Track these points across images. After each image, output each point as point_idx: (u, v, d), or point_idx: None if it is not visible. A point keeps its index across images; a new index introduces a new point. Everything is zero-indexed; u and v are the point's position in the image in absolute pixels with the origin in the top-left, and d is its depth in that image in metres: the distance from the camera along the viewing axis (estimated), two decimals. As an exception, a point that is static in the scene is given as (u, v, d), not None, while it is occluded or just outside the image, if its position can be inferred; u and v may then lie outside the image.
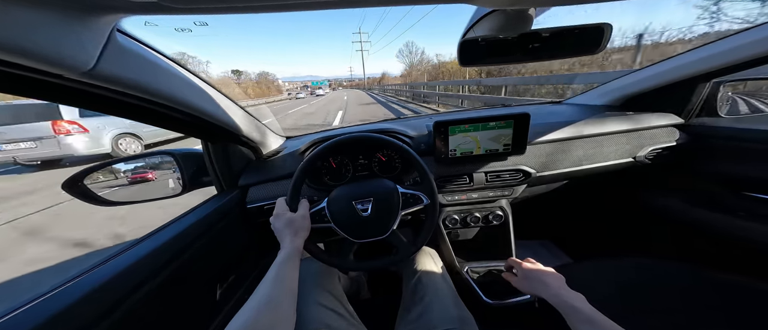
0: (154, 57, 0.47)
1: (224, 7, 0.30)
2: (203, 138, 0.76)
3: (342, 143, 0.68)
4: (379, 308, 0.80)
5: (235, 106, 0.73)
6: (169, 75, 0.50)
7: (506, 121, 0.83)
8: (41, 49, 0.29)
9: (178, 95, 0.52)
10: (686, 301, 0.65)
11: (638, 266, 0.78)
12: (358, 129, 1.06)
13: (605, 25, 0.41)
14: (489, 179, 0.91)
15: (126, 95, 0.44)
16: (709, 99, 0.95)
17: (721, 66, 0.78)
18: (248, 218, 0.86)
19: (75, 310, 0.41)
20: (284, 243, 0.56)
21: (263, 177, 0.88)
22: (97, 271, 0.47)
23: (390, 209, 0.66)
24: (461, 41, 0.49)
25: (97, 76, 0.37)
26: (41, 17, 0.28)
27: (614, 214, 1.25)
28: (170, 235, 0.60)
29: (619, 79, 1.12)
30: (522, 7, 0.43)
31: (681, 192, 1.00)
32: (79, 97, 0.41)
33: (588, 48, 0.44)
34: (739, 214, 0.82)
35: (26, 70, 0.32)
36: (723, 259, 0.87)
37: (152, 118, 0.56)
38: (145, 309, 0.51)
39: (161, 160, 0.79)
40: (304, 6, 0.31)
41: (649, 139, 0.96)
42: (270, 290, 0.44)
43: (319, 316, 0.61)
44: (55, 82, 0.36)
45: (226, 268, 0.80)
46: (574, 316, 0.45)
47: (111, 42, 0.37)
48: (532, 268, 0.62)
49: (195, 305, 0.68)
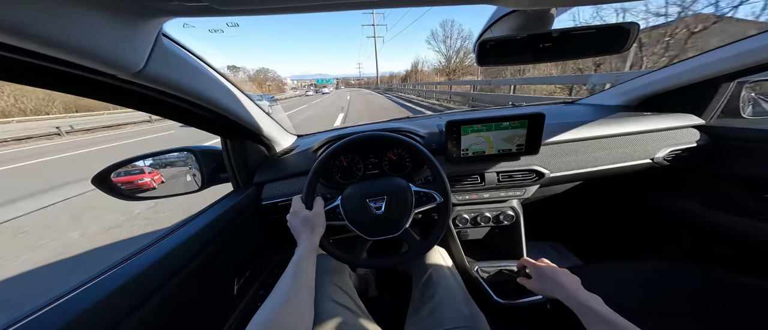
0: (191, 59, 0.49)
1: (266, 8, 0.31)
2: (224, 135, 0.78)
3: (356, 142, 0.69)
4: (386, 306, 0.81)
5: (254, 105, 0.75)
6: (202, 76, 0.52)
7: (520, 121, 0.83)
8: (101, 51, 0.31)
9: (209, 95, 0.54)
10: (702, 304, 0.64)
11: (652, 269, 0.76)
12: (369, 128, 1.07)
13: (631, 25, 0.41)
14: (501, 179, 0.91)
15: (166, 95, 0.47)
16: (731, 99, 0.92)
17: (745, 66, 0.76)
18: (263, 215, 0.88)
19: (98, 310, 0.42)
20: (301, 240, 0.57)
21: (277, 174, 0.89)
22: (121, 269, 0.49)
23: (403, 207, 0.67)
24: (479, 41, 0.49)
25: (146, 76, 0.39)
26: (99, 20, 0.30)
27: (629, 217, 1.22)
28: (192, 231, 0.62)
29: (635, 79, 1.09)
30: (543, 7, 0.43)
31: (700, 195, 0.98)
32: (128, 96, 0.43)
33: (613, 47, 0.43)
34: (761, 218, 0.79)
35: (83, 71, 0.34)
36: (743, 263, 0.85)
37: (185, 117, 0.58)
38: (167, 306, 0.53)
39: (181, 156, 0.81)
40: (337, 6, 0.32)
41: (668, 140, 0.93)
42: (289, 287, 0.45)
43: (333, 311, 0.62)
44: (107, 82, 0.38)
45: (243, 264, 0.83)
46: (591, 317, 0.45)
47: (158, 44, 0.39)
48: (547, 268, 0.62)
49: (214, 300, 0.70)
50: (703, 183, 0.98)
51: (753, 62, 0.74)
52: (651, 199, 1.10)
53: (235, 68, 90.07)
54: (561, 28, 0.43)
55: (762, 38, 0.70)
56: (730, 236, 0.86)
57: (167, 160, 0.80)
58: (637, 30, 0.40)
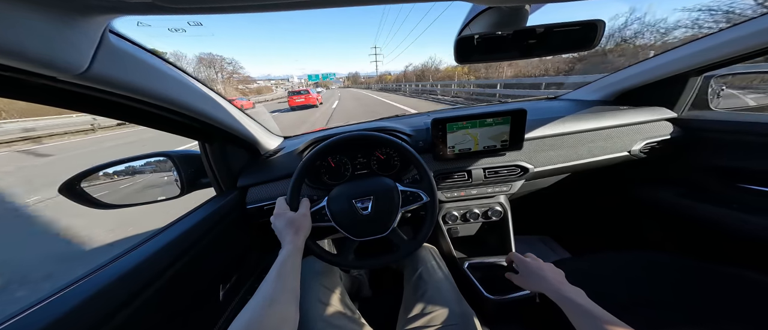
0: (149, 57, 0.46)
1: (218, 7, 0.29)
2: (200, 139, 0.75)
3: (341, 142, 0.69)
4: (380, 306, 0.80)
5: (231, 106, 0.73)
6: (162, 75, 0.49)
7: (503, 118, 0.84)
8: (34, 51, 0.29)
9: (173, 96, 0.51)
10: (684, 292, 0.66)
11: (636, 260, 0.79)
12: (356, 127, 1.06)
13: (598, 22, 0.42)
14: (487, 175, 0.92)
15: (120, 97, 0.44)
16: (700, 93, 0.97)
17: (713, 61, 0.80)
18: (248, 219, 0.86)
19: (78, 314, 0.41)
20: (285, 242, 0.56)
21: (262, 177, 0.87)
22: (101, 273, 0.47)
23: (390, 207, 0.67)
24: (457, 39, 0.49)
25: (91, 77, 0.36)
26: (32, 18, 0.28)
27: (611, 209, 1.27)
28: (172, 236, 0.60)
29: (613, 75, 1.14)
30: (517, 4, 0.44)
31: (675, 185, 1.02)
32: (73, 99, 0.41)
33: (582, 44, 0.45)
34: (733, 206, 0.83)
35: (17, 73, 0.32)
36: (718, 251, 0.89)
37: (147, 120, 0.55)
38: (149, 311, 0.51)
39: (158, 161, 0.78)
40: (296, 5, 0.31)
41: (643, 133, 0.97)
42: (271, 290, 0.44)
43: (321, 314, 0.61)
44: (47, 84, 0.35)
45: (227, 269, 0.80)
46: (574, 310, 0.46)
47: (104, 43, 0.36)
48: (532, 263, 0.63)
49: (199, 306, 0.68)
50: (680, 174, 1.03)
51: (717, 57, 0.78)
52: (631, 191, 1.14)
53: (156, 52, 77.02)
54: (535, 24, 0.44)
55: (726, 34, 0.74)
56: (707, 225, 0.90)
57: (142, 165, 0.76)
58: (603, 26, 0.42)
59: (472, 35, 0.47)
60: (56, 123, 11.74)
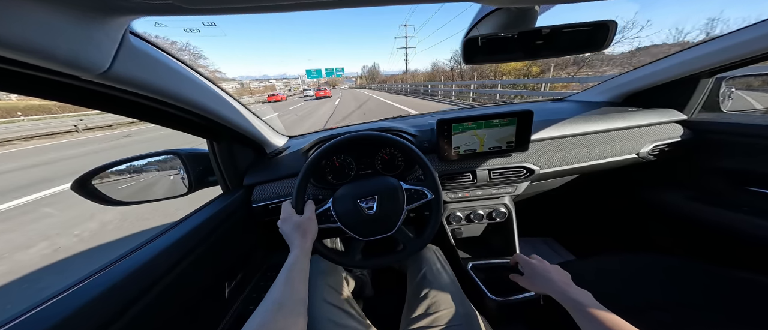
0: (165, 58, 0.47)
1: (237, 8, 0.30)
2: (209, 137, 0.76)
3: (345, 142, 0.69)
4: (383, 306, 0.80)
5: (240, 106, 0.74)
6: (178, 76, 0.50)
7: (509, 119, 0.83)
8: (60, 51, 0.30)
9: (187, 95, 0.53)
10: (690, 296, 0.65)
11: (644, 263, 0.78)
12: (361, 127, 1.06)
13: (610, 23, 0.42)
14: (492, 176, 0.91)
15: (138, 96, 0.45)
16: (711, 95, 0.96)
17: (726, 62, 0.78)
18: (254, 217, 0.87)
19: (91, 309, 0.41)
20: (293, 246, 0.56)
21: (268, 176, 0.88)
22: (113, 269, 0.48)
23: (395, 206, 0.67)
24: (465, 40, 0.49)
25: (112, 77, 0.37)
26: (59, 19, 0.29)
27: (617, 211, 1.25)
28: (181, 234, 0.61)
29: (620, 76, 1.12)
30: (526, 6, 0.43)
31: (684, 188, 1.00)
32: (94, 98, 0.42)
33: (593, 45, 0.44)
34: (742, 209, 0.82)
35: (43, 72, 0.33)
36: (727, 255, 0.88)
37: (161, 119, 0.56)
38: (159, 307, 0.52)
39: (167, 159, 0.80)
40: (312, 5, 0.31)
41: (652, 135, 0.96)
42: (280, 295, 0.44)
43: (327, 314, 0.62)
44: (70, 83, 0.36)
45: (233, 267, 0.81)
46: (581, 312, 0.45)
47: (124, 43, 0.37)
48: (538, 264, 0.62)
49: (205, 303, 0.69)
50: (689, 176, 1.01)
51: (731, 58, 0.76)
52: (639, 194, 1.13)
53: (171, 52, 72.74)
54: (544, 25, 0.43)
55: (739, 35, 0.73)
56: (716, 228, 0.89)
57: (151, 163, 0.78)
58: (615, 27, 0.41)
59: (479, 36, 0.47)
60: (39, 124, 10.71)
